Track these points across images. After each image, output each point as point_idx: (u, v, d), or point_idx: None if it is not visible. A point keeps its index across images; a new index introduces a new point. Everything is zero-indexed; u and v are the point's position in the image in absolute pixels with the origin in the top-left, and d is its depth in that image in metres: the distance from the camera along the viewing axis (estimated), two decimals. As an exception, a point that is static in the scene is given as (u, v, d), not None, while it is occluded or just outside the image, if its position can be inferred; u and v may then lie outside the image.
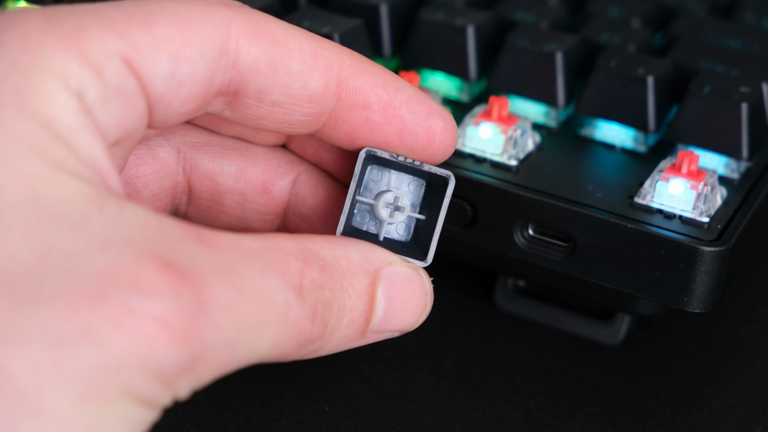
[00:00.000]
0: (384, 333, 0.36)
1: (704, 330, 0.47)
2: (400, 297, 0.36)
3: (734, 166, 0.44)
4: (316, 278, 0.33)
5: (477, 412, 0.42)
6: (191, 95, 0.34)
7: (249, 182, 0.39)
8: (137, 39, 0.32)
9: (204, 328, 0.30)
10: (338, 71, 0.36)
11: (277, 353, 0.33)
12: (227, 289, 0.31)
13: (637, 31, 0.50)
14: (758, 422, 0.43)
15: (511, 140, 0.44)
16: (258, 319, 0.31)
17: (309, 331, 0.33)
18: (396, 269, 0.36)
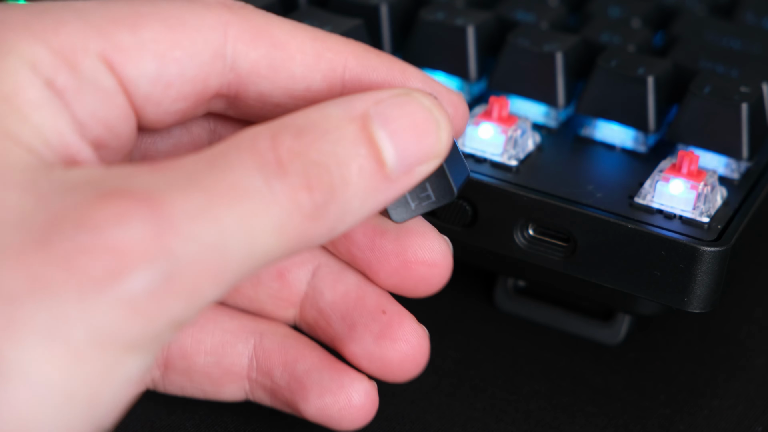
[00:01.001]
0: (413, 170, 0.32)
1: (704, 330, 0.47)
2: (403, 125, 0.32)
3: (734, 166, 0.44)
4: (291, 146, 0.30)
5: (477, 412, 0.42)
6: (182, 95, 0.34)
7: None
8: (120, 39, 0.32)
9: (171, 242, 0.28)
10: (342, 73, 0.35)
11: (291, 237, 0.30)
12: (192, 197, 0.29)
13: (637, 31, 0.50)
14: (758, 422, 0.43)
15: (511, 140, 0.44)
16: (239, 213, 0.29)
17: (311, 200, 0.30)
18: (384, 102, 0.32)
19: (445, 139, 0.33)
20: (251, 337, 0.38)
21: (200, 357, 0.38)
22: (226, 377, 0.38)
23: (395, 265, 0.37)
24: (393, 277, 0.37)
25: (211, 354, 0.38)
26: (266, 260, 0.30)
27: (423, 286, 0.37)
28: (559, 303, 0.47)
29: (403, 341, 0.37)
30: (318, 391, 0.37)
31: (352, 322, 0.37)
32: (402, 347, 0.37)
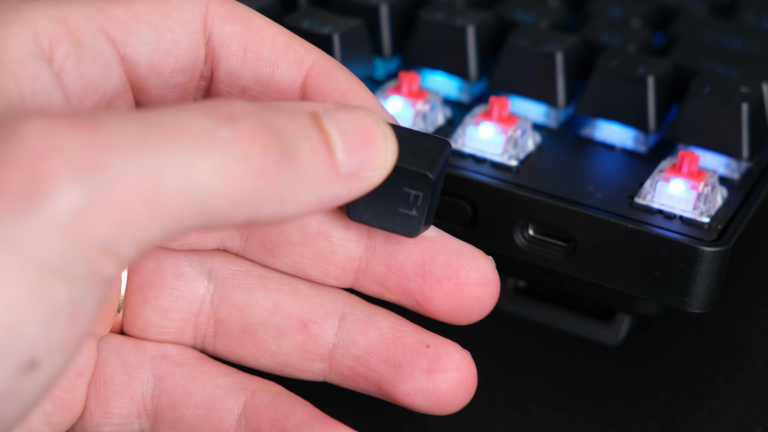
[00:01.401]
0: (360, 174, 0.32)
1: (704, 330, 0.47)
2: (351, 126, 0.32)
3: (734, 167, 0.44)
4: (246, 106, 0.30)
5: (477, 412, 0.42)
6: (179, 64, 0.35)
7: (285, 317, 0.38)
8: (116, 13, 0.34)
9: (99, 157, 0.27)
10: (308, 68, 0.36)
11: (237, 187, 0.29)
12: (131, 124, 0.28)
13: (637, 31, 0.50)
14: (758, 422, 0.43)
15: (511, 140, 0.44)
16: (179, 145, 0.28)
17: (261, 156, 0.30)
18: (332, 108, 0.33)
19: (391, 153, 0.33)
20: (242, 394, 0.37)
21: (189, 409, 0.37)
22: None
23: (449, 289, 0.37)
24: (448, 302, 0.37)
25: (201, 407, 0.37)
26: (212, 203, 0.29)
27: (478, 307, 0.37)
28: (560, 303, 0.47)
29: (454, 370, 0.37)
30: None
31: (396, 362, 0.37)
32: (454, 376, 0.37)
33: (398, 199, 0.35)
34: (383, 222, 0.35)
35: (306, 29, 0.46)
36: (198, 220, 0.29)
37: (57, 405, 0.36)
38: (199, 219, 0.29)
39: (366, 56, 0.47)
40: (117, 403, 0.37)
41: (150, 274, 0.38)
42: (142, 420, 0.37)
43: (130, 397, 0.37)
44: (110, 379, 0.37)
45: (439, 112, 0.46)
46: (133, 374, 0.37)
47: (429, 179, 0.34)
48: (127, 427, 0.37)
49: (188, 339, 0.38)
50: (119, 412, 0.37)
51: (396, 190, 0.35)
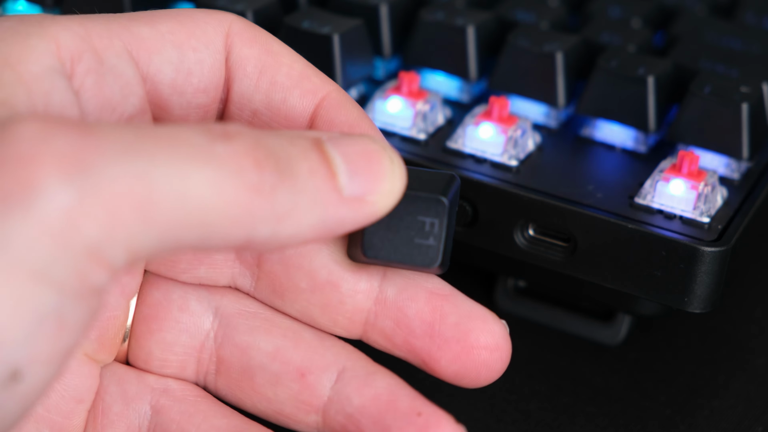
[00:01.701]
0: (365, 198, 0.32)
1: (704, 330, 0.47)
2: (354, 151, 0.32)
3: (734, 167, 0.44)
4: (242, 129, 0.30)
5: (477, 412, 0.42)
6: (202, 85, 0.35)
7: (284, 364, 0.37)
8: (140, 32, 0.34)
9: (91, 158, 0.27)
10: (321, 98, 0.36)
11: (231, 201, 0.29)
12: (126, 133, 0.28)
13: (637, 31, 0.50)
14: (758, 422, 0.43)
15: (511, 140, 0.44)
16: (173, 155, 0.28)
17: (255, 172, 0.29)
18: (337, 135, 0.32)
19: (399, 178, 0.33)
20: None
21: None
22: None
23: (456, 350, 0.36)
24: (454, 363, 0.36)
25: None
26: (206, 217, 0.29)
27: (485, 371, 0.36)
28: (560, 303, 0.47)
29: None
30: None
31: (385, 426, 0.36)
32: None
33: (413, 230, 0.34)
34: (401, 256, 0.34)
35: (306, 29, 0.46)
36: (193, 235, 0.29)
37: (55, 430, 0.36)
38: (194, 234, 0.29)
39: (366, 56, 0.47)
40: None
41: (156, 305, 0.37)
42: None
43: (126, 427, 0.37)
44: (108, 407, 0.37)
45: (439, 112, 0.46)
46: (132, 404, 0.37)
47: (443, 203, 0.34)
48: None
49: (191, 375, 0.38)
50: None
51: (410, 220, 0.34)
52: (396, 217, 0.34)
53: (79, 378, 0.36)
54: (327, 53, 0.46)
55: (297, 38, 0.46)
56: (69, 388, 0.36)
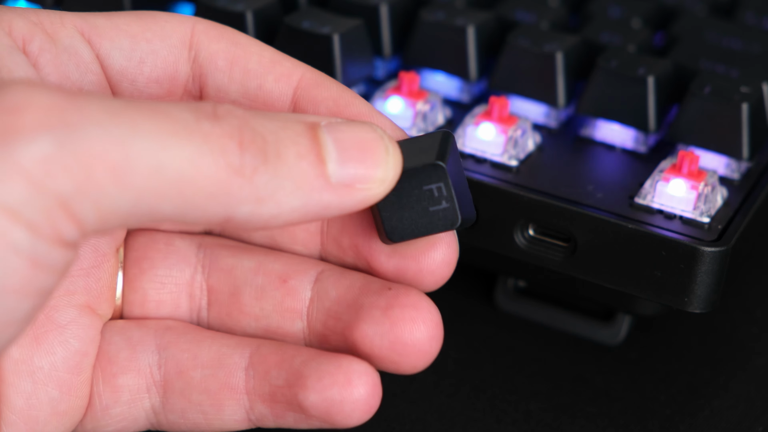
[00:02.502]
0: (354, 186, 0.32)
1: (704, 330, 0.47)
2: (350, 138, 0.32)
3: (735, 167, 0.44)
4: (233, 110, 0.31)
5: (477, 412, 0.42)
6: (155, 75, 0.36)
7: (267, 275, 0.38)
8: (95, 20, 0.35)
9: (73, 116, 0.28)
10: (297, 80, 0.36)
11: (207, 175, 0.30)
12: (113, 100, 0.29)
13: (637, 31, 0.50)
14: (758, 422, 0.43)
15: (511, 140, 0.44)
16: (156, 125, 0.29)
17: (238, 154, 0.30)
18: (334, 120, 0.33)
19: (394, 167, 0.33)
20: (248, 348, 0.37)
21: (197, 371, 0.37)
22: (224, 391, 0.37)
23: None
24: (393, 258, 0.37)
25: (208, 367, 0.37)
26: (183, 190, 0.30)
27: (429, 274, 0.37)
28: (560, 303, 0.47)
29: (411, 307, 0.36)
30: (316, 375, 0.36)
31: (359, 305, 0.36)
32: (411, 314, 0.35)
33: (425, 200, 0.35)
34: (424, 228, 0.35)
35: (306, 29, 0.46)
36: (169, 207, 0.30)
37: (63, 389, 0.36)
38: (170, 206, 0.30)
39: (366, 56, 0.47)
40: (124, 379, 0.37)
41: (143, 246, 0.39)
42: (152, 394, 0.38)
43: (137, 370, 0.37)
44: (115, 356, 0.37)
45: (439, 112, 0.46)
46: (138, 347, 0.38)
47: (440, 167, 0.34)
48: (138, 405, 0.38)
49: (185, 312, 0.39)
50: (128, 387, 0.37)
51: (418, 193, 0.35)
52: (404, 194, 0.34)
53: (80, 328, 0.37)
54: (327, 53, 0.46)
55: (297, 38, 0.46)
56: (72, 341, 0.37)
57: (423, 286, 0.37)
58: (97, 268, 0.38)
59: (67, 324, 0.37)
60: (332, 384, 0.35)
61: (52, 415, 0.36)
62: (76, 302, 0.37)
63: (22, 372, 0.36)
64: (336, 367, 0.36)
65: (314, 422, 0.36)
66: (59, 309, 0.37)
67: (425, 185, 0.35)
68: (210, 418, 0.37)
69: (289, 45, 0.46)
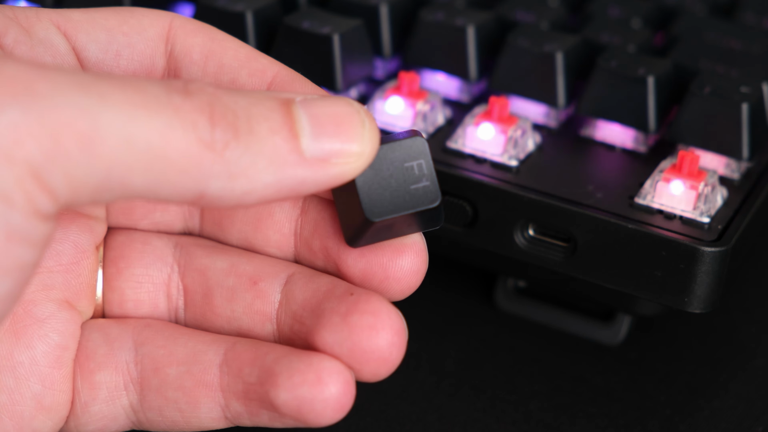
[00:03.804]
0: (330, 160, 0.32)
1: (704, 330, 0.47)
2: (324, 112, 0.32)
3: (735, 167, 0.44)
4: (205, 86, 0.31)
5: (477, 412, 0.42)
6: (131, 67, 0.36)
7: (238, 276, 0.38)
8: (72, 15, 0.35)
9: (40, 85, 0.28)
10: (271, 77, 0.36)
11: (178, 149, 0.30)
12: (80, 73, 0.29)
13: (637, 31, 0.50)
14: (758, 422, 0.43)
15: (511, 140, 0.44)
16: (126, 96, 0.29)
17: (209, 129, 0.30)
18: (311, 96, 0.32)
19: (370, 142, 0.33)
20: (223, 345, 0.37)
21: (172, 368, 0.37)
22: (199, 389, 0.37)
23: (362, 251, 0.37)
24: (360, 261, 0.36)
25: (183, 363, 0.37)
26: (154, 164, 0.29)
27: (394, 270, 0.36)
28: (559, 303, 0.47)
29: (370, 314, 0.35)
30: (287, 373, 0.35)
31: (321, 310, 0.36)
32: (370, 320, 0.35)
33: (404, 178, 0.34)
34: (404, 206, 0.34)
35: (306, 29, 0.46)
36: (140, 179, 0.30)
37: (46, 384, 0.37)
38: (142, 178, 0.30)
39: (366, 56, 0.47)
40: (102, 375, 0.37)
41: (121, 245, 0.39)
42: (130, 391, 0.38)
43: (115, 366, 0.37)
44: (93, 351, 0.38)
45: (439, 112, 0.46)
46: (115, 344, 0.38)
47: (422, 140, 0.34)
48: (116, 402, 0.38)
49: (163, 312, 0.39)
50: (105, 383, 0.37)
51: (397, 169, 0.34)
52: (383, 171, 0.34)
53: (59, 323, 0.37)
54: (327, 53, 0.46)
55: (297, 38, 0.46)
56: (51, 335, 0.37)
57: (390, 294, 0.36)
58: (76, 264, 0.38)
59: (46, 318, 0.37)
60: (302, 382, 0.35)
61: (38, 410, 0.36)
62: (54, 297, 0.37)
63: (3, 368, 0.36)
64: (307, 365, 0.35)
65: (287, 421, 0.36)
66: (38, 303, 0.37)
67: (406, 162, 0.34)
68: (187, 416, 0.37)
69: (289, 45, 0.46)
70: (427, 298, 0.38)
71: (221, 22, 0.47)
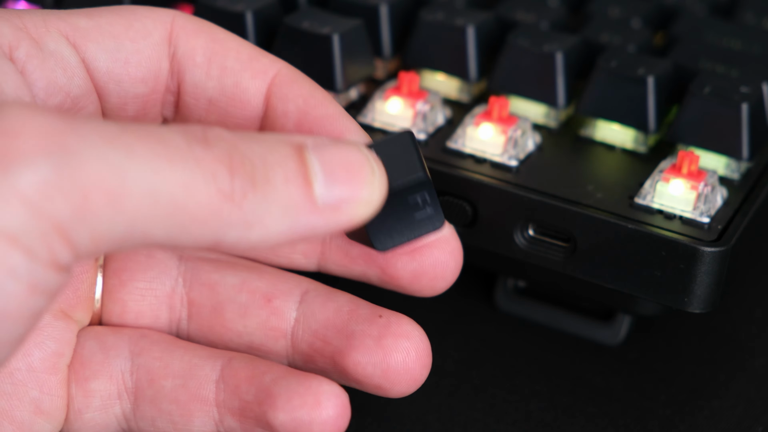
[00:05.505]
0: (341, 208, 0.32)
1: (704, 330, 0.47)
2: (336, 159, 0.32)
3: (734, 167, 0.44)
4: (222, 134, 0.31)
5: (477, 412, 0.42)
6: (140, 74, 0.36)
7: (251, 293, 0.38)
8: (78, 22, 0.35)
9: (71, 140, 0.28)
10: (272, 77, 0.37)
11: (199, 201, 0.30)
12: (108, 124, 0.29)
13: (637, 31, 0.50)
14: (758, 422, 0.43)
15: (511, 140, 0.44)
16: (150, 150, 0.29)
17: (228, 179, 0.30)
18: (323, 140, 0.33)
19: (379, 189, 0.33)
20: (219, 360, 0.37)
21: (168, 380, 0.37)
22: (194, 403, 0.37)
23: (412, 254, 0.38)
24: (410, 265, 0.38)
25: (179, 377, 0.37)
26: (175, 215, 0.30)
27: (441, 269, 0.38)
28: (559, 303, 0.47)
29: (404, 337, 0.37)
30: (286, 396, 0.36)
31: (349, 332, 0.37)
32: (404, 345, 0.37)
33: (410, 210, 0.35)
34: (409, 235, 0.35)
35: (306, 29, 0.46)
36: (161, 231, 0.30)
37: (44, 389, 0.37)
38: (162, 231, 0.30)
39: (366, 56, 0.47)
40: (96, 383, 0.38)
41: (125, 258, 0.39)
42: (123, 400, 0.38)
43: (109, 375, 0.38)
44: (88, 359, 0.38)
45: (439, 112, 0.46)
46: (111, 352, 0.38)
47: (426, 181, 0.35)
48: (109, 411, 0.38)
49: (164, 324, 0.39)
50: (99, 392, 0.38)
51: (401, 203, 0.35)
52: (389, 206, 0.34)
53: (55, 331, 0.37)
54: (327, 53, 0.46)
55: (297, 38, 0.46)
56: (48, 342, 0.37)
57: (430, 292, 0.38)
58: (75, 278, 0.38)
59: (43, 327, 0.37)
60: (301, 405, 0.36)
61: (36, 414, 0.37)
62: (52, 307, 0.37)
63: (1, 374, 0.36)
64: (306, 389, 0.36)
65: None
66: None
67: (410, 196, 0.35)
68: (179, 428, 0.37)
69: (289, 45, 0.46)
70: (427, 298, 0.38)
71: (221, 22, 0.46)
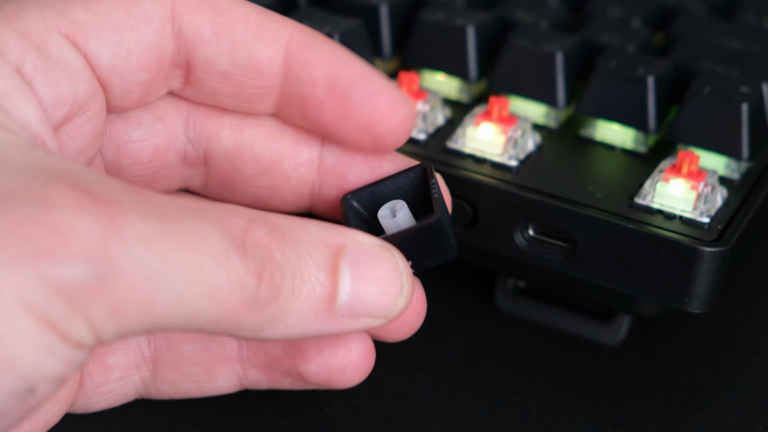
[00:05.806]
0: (359, 318, 0.33)
1: (704, 330, 0.47)
2: (369, 274, 0.33)
3: (734, 167, 0.44)
4: (261, 237, 0.31)
5: (477, 412, 0.42)
6: (142, 63, 0.36)
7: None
8: (77, 15, 0.34)
9: (114, 248, 0.29)
10: (286, 44, 0.36)
11: (222, 309, 0.31)
12: (150, 222, 0.30)
13: (637, 31, 0.50)
14: (758, 422, 0.43)
15: (511, 140, 0.44)
16: (187, 258, 0.30)
17: (256, 289, 0.31)
18: (363, 246, 0.33)
19: (401, 307, 0.34)
20: None
21: (188, 345, 0.38)
22: (217, 362, 0.38)
23: None
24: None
25: (199, 340, 0.38)
26: (196, 319, 0.31)
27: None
28: (559, 303, 0.47)
29: None
30: (316, 347, 0.37)
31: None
32: None
33: (427, 246, 0.36)
34: (426, 264, 0.36)
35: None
36: (180, 327, 0.31)
37: None
38: (181, 326, 0.31)
39: (366, 56, 0.47)
40: (114, 357, 0.38)
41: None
42: (142, 369, 0.38)
43: (126, 348, 0.38)
44: None
45: (439, 112, 0.46)
46: None
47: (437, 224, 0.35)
48: (128, 381, 0.38)
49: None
50: (118, 365, 0.38)
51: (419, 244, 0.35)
52: (408, 248, 0.35)
53: None
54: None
55: (297, 38, 0.46)
56: None
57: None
58: None
59: None
60: (333, 354, 0.37)
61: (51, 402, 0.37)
62: None
63: None
64: (335, 339, 0.37)
65: (312, 387, 0.38)
66: None
67: (427, 239, 0.35)
68: (202, 386, 0.38)
69: (289, 45, 0.46)
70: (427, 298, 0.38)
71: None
